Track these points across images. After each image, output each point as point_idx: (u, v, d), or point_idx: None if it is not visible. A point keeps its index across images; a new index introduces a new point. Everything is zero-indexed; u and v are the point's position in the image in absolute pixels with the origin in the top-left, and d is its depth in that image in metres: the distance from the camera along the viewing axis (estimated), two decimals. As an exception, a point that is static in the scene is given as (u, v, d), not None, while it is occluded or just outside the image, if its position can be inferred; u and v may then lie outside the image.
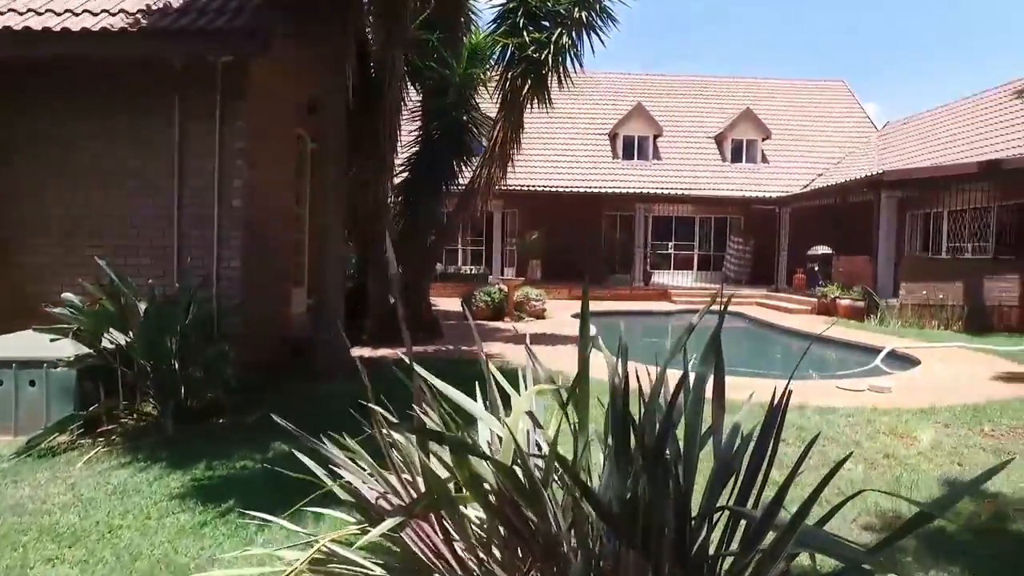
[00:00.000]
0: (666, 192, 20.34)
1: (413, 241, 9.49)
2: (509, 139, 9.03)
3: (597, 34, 8.66)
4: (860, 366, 8.68)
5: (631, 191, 20.01)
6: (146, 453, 4.53)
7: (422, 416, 2.25)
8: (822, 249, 16.94)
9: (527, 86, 8.68)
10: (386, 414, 2.15)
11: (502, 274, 20.79)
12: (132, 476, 4.08)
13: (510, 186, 20.48)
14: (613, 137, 23.77)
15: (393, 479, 2.15)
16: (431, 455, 2.14)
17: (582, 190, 20.46)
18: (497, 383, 2.41)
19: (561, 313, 13.82)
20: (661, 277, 21.36)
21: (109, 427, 5.07)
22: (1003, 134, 16.78)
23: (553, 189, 20.16)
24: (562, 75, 8.99)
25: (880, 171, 12.75)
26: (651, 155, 23.54)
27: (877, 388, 6.18)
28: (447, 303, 14.41)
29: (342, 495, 2.24)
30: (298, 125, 7.66)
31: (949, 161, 15.64)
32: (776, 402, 2.25)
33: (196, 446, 4.64)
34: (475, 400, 2.38)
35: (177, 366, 5.35)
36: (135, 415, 5.49)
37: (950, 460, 4.47)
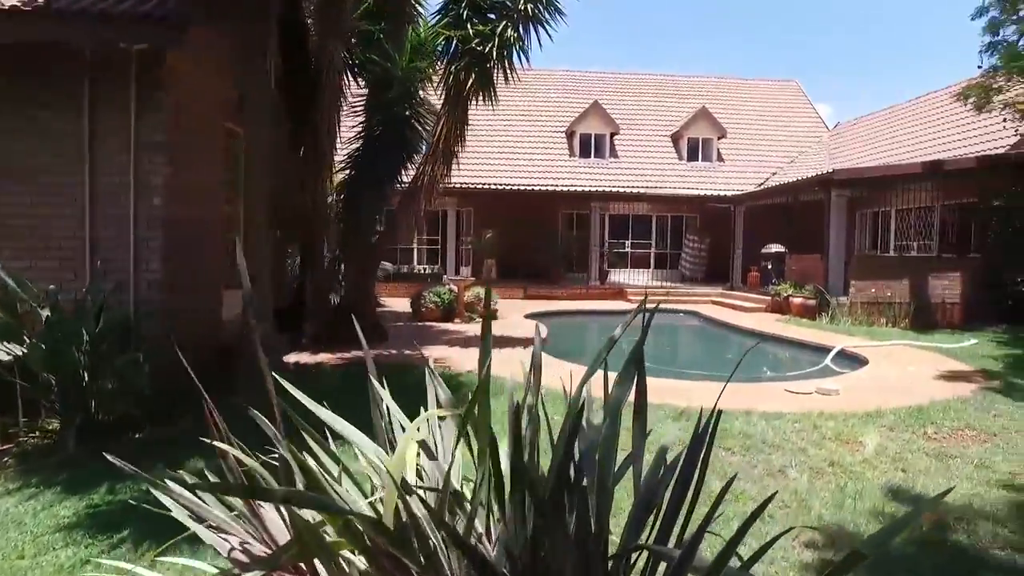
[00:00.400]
0: (623, 191, 20.30)
1: (356, 240, 9.13)
2: (453, 135, 8.73)
3: (544, 28, 8.43)
4: (811, 366, 8.66)
5: (588, 189, 19.92)
6: (41, 477, 4.12)
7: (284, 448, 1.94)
8: (776, 247, 17.10)
9: (471, 80, 8.39)
10: (234, 451, 1.84)
11: (457, 273, 20.49)
12: (17, 505, 3.67)
13: (465, 184, 20.28)
14: (570, 135, 23.68)
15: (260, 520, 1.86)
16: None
17: (538, 188, 20.27)
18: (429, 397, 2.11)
19: (513, 314, 13.58)
20: (618, 276, 21.34)
21: (3, 447, 4.63)
22: (945, 136, 17.21)
23: (509, 187, 19.91)
24: (508, 70, 8.73)
25: (830, 170, 12.87)
26: (608, 153, 23.51)
27: (824, 390, 6.10)
28: (400, 304, 14.05)
29: (207, 538, 1.94)
30: (229, 120, 7.23)
31: (895, 161, 15.96)
32: (702, 428, 2.01)
33: (100, 466, 4.24)
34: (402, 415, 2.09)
35: (86, 378, 4.94)
36: (38, 433, 5.06)
37: (894, 467, 4.36)
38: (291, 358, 8.03)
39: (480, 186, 19.94)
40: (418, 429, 1.93)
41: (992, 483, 4.10)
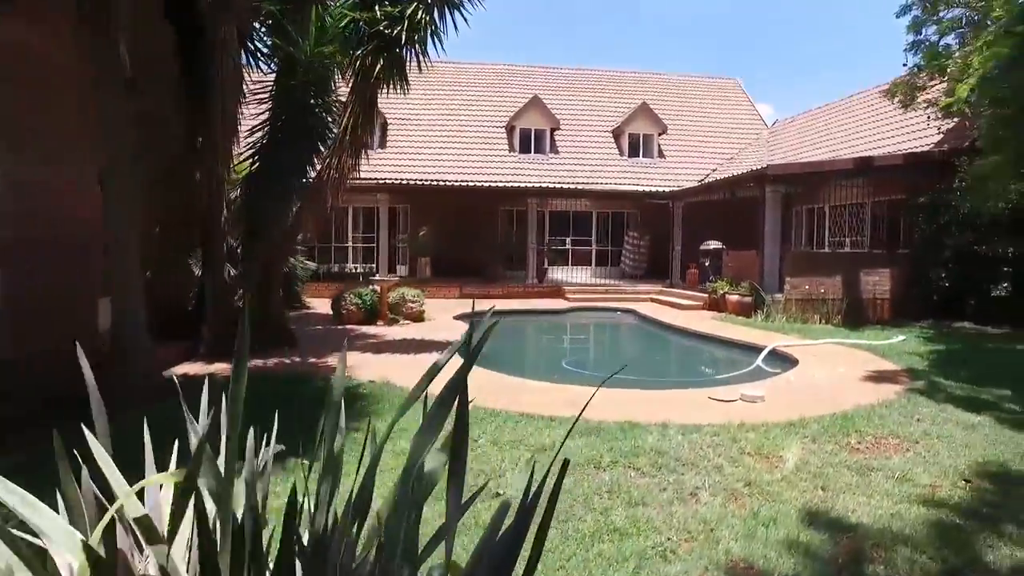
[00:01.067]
0: (561, 187, 19.92)
1: (259, 238, 8.39)
2: (361, 125, 8.08)
3: (460, 12, 7.86)
4: (742, 367, 8.39)
5: (526, 185, 19.45)
6: None
7: None
8: (714, 244, 17.00)
9: (379, 66, 7.77)
10: None
11: (394, 272, 19.76)
12: None
13: (401, 180, 19.59)
14: (510, 130, 23.22)
15: None
16: None
17: (476, 184, 19.70)
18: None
19: (443, 314, 13.01)
20: (559, 273, 21.00)
21: None
22: (877, 133, 17.44)
23: (446, 183, 19.28)
24: (420, 56, 8.14)
25: (764, 166, 12.75)
26: (548, 149, 23.15)
27: (749, 398, 5.76)
28: (327, 305, 13.24)
29: None
30: (89, 103, 6.41)
31: (830, 158, 16.05)
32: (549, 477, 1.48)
33: None
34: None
35: None
36: None
37: (815, 484, 3.99)
38: (182, 369, 7.28)
39: (417, 182, 19.28)
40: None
41: (913, 499, 3.78)
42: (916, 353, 8.60)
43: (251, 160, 8.60)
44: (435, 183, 18.64)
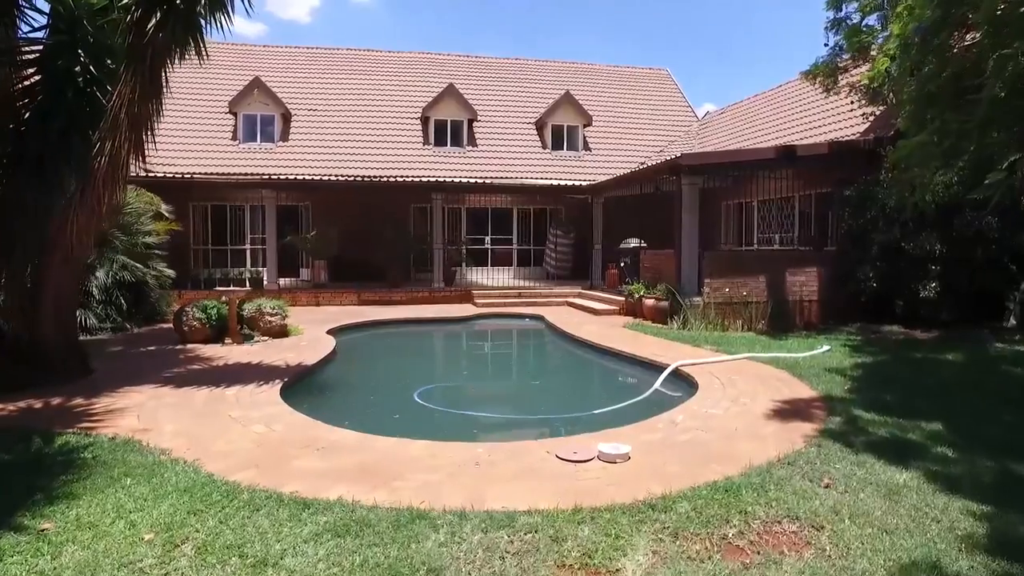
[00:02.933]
0: (478, 181, 18.27)
1: (20, 243, 6.47)
2: (139, 100, 6.24)
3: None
4: (636, 393, 6.92)
5: (435, 179, 17.69)
6: None
7: None
8: (634, 242, 15.69)
9: (152, 21, 5.98)
10: None
11: (296, 277, 17.77)
12: None
13: (300, 175, 17.60)
14: (425, 121, 21.49)
15: None
16: None
17: (380, 179, 17.87)
18: None
19: (318, 328, 11.21)
20: (477, 275, 19.38)
21: None
22: (805, 122, 16.45)
23: (343, 177, 17.38)
24: (211, 13, 6.41)
25: (677, 155, 11.43)
26: (466, 141, 21.50)
27: (608, 457, 4.23)
28: None
29: None
30: None
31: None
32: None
33: None
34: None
35: None
36: None
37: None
38: None
39: (316, 177, 17.28)
40: None
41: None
42: (839, 370, 7.30)
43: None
44: (335, 178, 16.69)
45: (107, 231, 11.00)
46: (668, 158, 12.13)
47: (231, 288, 9.94)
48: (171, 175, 16.77)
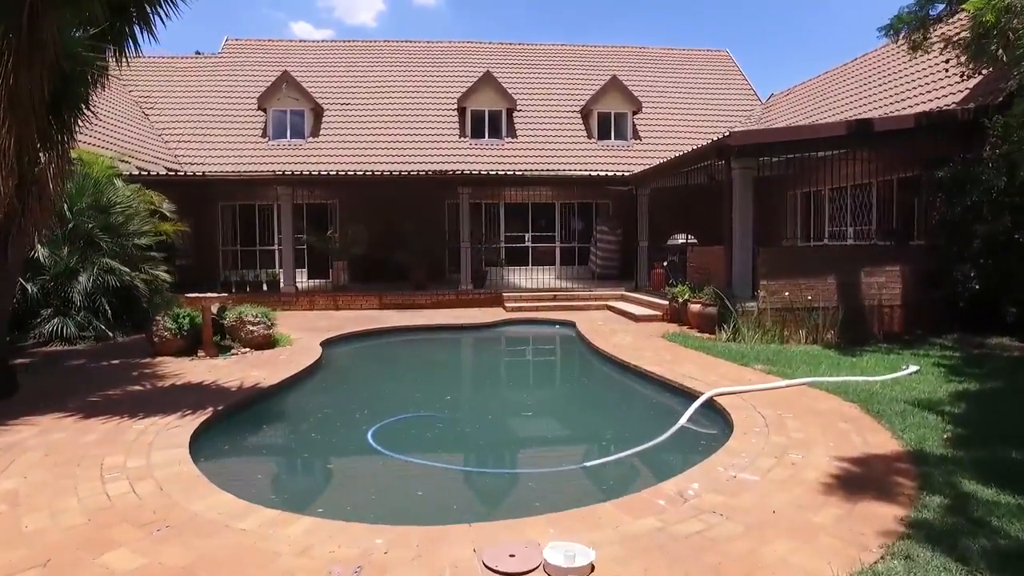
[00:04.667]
0: (515, 173, 16.78)
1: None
2: (14, 68, 5.06)
3: None
4: (656, 433, 5.30)
5: (459, 171, 16.28)
6: None
7: None
8: (683, 238, 13.85)
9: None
10: None
11: (323, 278, 16.82)
12: None
13: (325, 171, 16.62)
14: (461, 112, 20.21)
15: None
16: None
17: (409, 173, 16.64)
18: None
19: (316, 336, 10.03)
20: (515, 276, 17.90)
21: None
22: (885, 94, 14.19)
23: (370, 172, 16.25)
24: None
25: (725, 133, 9.59)
26: (505, 132, 20.09)
27: (558, 572, 2.69)
28: None
29: None
30: None
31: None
32: None
33: None
34: None
35: None
36: None
37: None
38: None
39: (342, 172, 16.07)
40: None
41: None
42: (932, 404, 5.43)
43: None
44: (352, 173, 15.54)
45: (91, 232, 10.20)
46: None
47: (209, 295, 8.82)
48: (179, 173, 16.09)
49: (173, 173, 16.43)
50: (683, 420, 5.44)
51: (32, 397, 6.23)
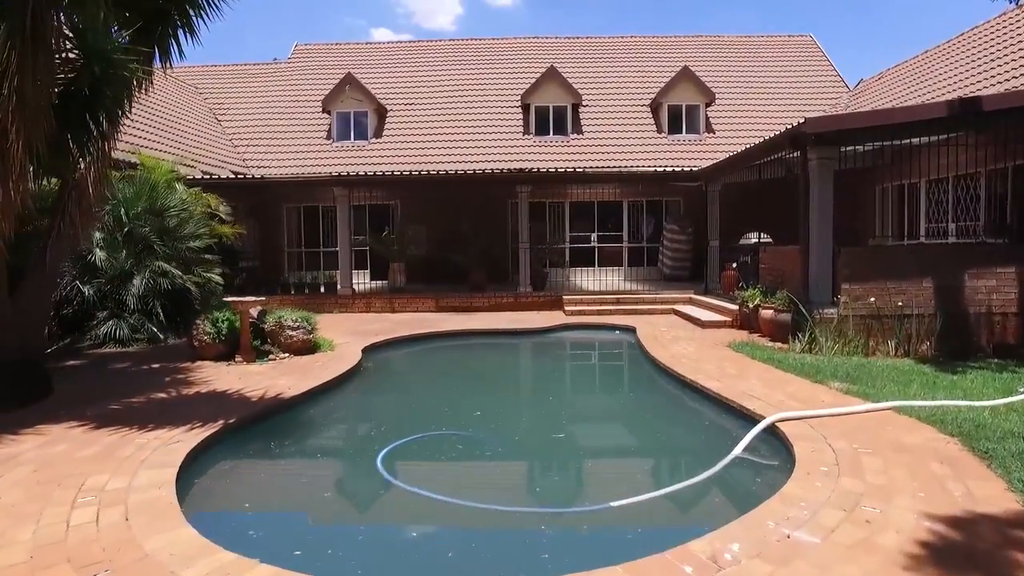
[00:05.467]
0: (578, 170, 16.04)
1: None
2: (19, 67, 4.87)
3: None
4: (705, 463, 4.54)
5: (518, 169, 15.66)
6: None
7: None
8: (756, 237, 12.72)
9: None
10: None
11: (383, 279, 16.68)
12: None
13: (383, 171, 16.48)
14: (525, 109, 19.67)
15: None
16: None
17: (470, 171, 16.22)
18: None
19: (361, 340, 9.74)
20: (579, 277, 17.14)
21: None
22: (995, 69, 12.54)
23: (430, 172, 15.94)
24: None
25: (801, 120, 8.52)
26: (570, 128, 19.38)
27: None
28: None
29: None
30: None
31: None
32: None
33: None
34: None
35: None
36: None
37: None
38: None
39: (405, 173, 15.78)
40: None
41: None
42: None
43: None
44: (416, 173, 15.23)
45: (146, 235, 10.31)
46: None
47: (246, 299, 8.64)
48: (241, 177, 16.32)
49: (239, 176, 16.76)
50: (736, 451, 4.64)
51: (60, 402, 6.15)
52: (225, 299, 8.70)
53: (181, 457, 4.49)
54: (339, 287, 14.71)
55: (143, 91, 8.00)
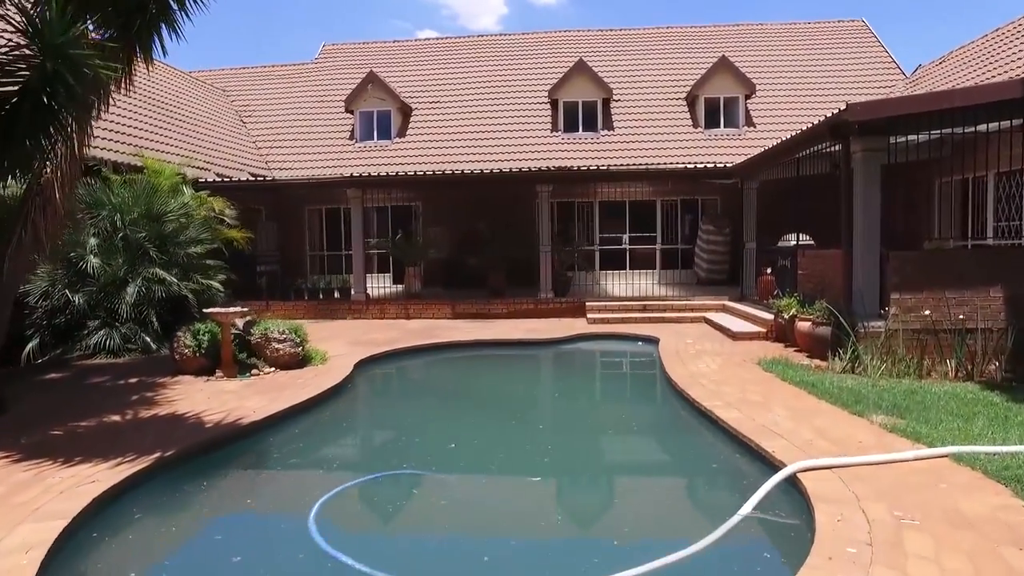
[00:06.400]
0: (607, 167, 15.11)
1: None
2: None
3: None
4: (704, 525, 3.66)
5: (535, 168, 14.80)
6: None
7: None
8: (795, 239, 11.57)
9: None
10: None
11: (401, 284, 16.11)
12: None
13: (404, 171, 15.91)
14: (553, 105, 18.82)
15: None
16: None
17: (491, 171, 15.48)
18: None
19: (360, 351, 9.11)
20: (609, 281, 16.16)
21: None
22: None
23: (453, 171, 15.25)
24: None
25: (843, 107, 7.43)
26: (600, 124, 18.44)
27: None
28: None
29: None
30: None
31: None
32: None
33: None
34: None
35: None
36: None
37: None
38: None
39: (425, 173, 15.07)
40: None
41: None
42: None
43: None
44: (431, 174, 14.54)
45: (141, 241, 9.92)
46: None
47: (232, 310, 8.08)
48: (259, 179, 15.97)
49: (258, 179, 16.44)
50: (743, 511, 3.73)
51: (3, 425, 5.67)
52: (205, 310, 8.14)
53: (83, 504, 3.86)
54: (353, 292, 14.17)
55: (125, 90, 7.56)
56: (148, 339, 9.58)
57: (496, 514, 4.39)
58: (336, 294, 14.72)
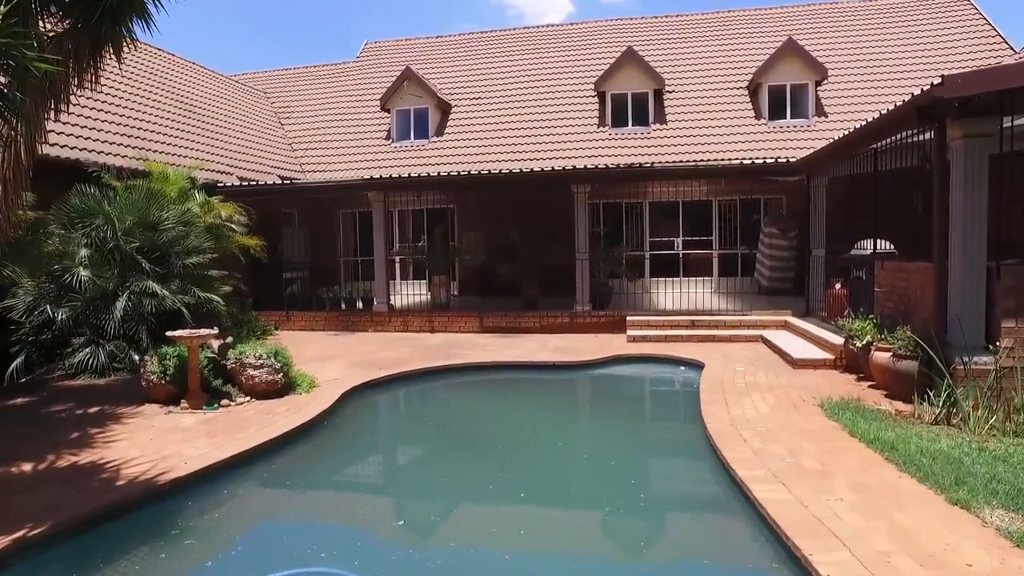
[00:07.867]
0: (656, 166, 13.58)
1: None
2: None
3: None
4: None
5: (572, 167, 13.38)
6: None
7: None
8: (872, 246, 9.74)
9: None
10: None
11: (420, 292, 15.08)
12: None
13: (442, 173, 14.84)
14: (601, 97, 17.41)
15: None
16: None
17: (529, 170, 14.23)
18: None
19: (355, 377, 8.05)
20: (659, 289, 14.63)
21: None
22: None
23: (488, 172, 14.10)
24: None
25: (937, 81, 5.76)
26: (652, 118, 16.90)
27: None
28: (313, 348, 8.82)
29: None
30: None
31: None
32: None
33: None
34: None
35: None
36: None
37: None
38: None
39: (461, 173, 13.86)
40: None
41: None
42: None
43: None
44: (454, 175, 13.31)
45: (132, 252, 9.22)
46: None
47: (206, 334, 7.17)
48: (287, 182, 15.28)
49: (286, 181, 15.79)
50: None
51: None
52: (168, 333, 7.25)
53: None
54: (375, 303, 13.21)
55: (92, 85, 6.78)
56: (136, 357, 8.85)
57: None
58: (359, 304, 13.82)
